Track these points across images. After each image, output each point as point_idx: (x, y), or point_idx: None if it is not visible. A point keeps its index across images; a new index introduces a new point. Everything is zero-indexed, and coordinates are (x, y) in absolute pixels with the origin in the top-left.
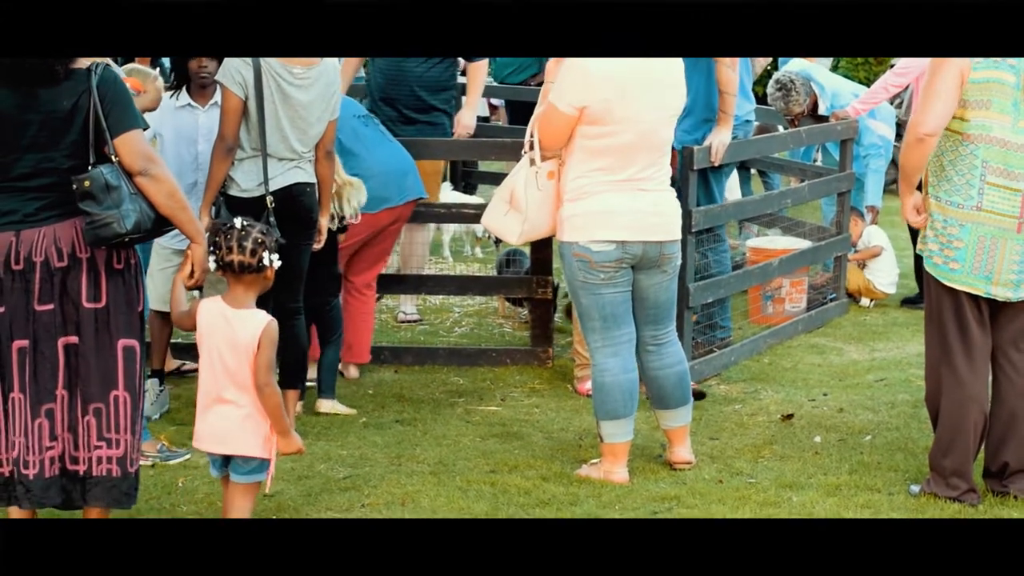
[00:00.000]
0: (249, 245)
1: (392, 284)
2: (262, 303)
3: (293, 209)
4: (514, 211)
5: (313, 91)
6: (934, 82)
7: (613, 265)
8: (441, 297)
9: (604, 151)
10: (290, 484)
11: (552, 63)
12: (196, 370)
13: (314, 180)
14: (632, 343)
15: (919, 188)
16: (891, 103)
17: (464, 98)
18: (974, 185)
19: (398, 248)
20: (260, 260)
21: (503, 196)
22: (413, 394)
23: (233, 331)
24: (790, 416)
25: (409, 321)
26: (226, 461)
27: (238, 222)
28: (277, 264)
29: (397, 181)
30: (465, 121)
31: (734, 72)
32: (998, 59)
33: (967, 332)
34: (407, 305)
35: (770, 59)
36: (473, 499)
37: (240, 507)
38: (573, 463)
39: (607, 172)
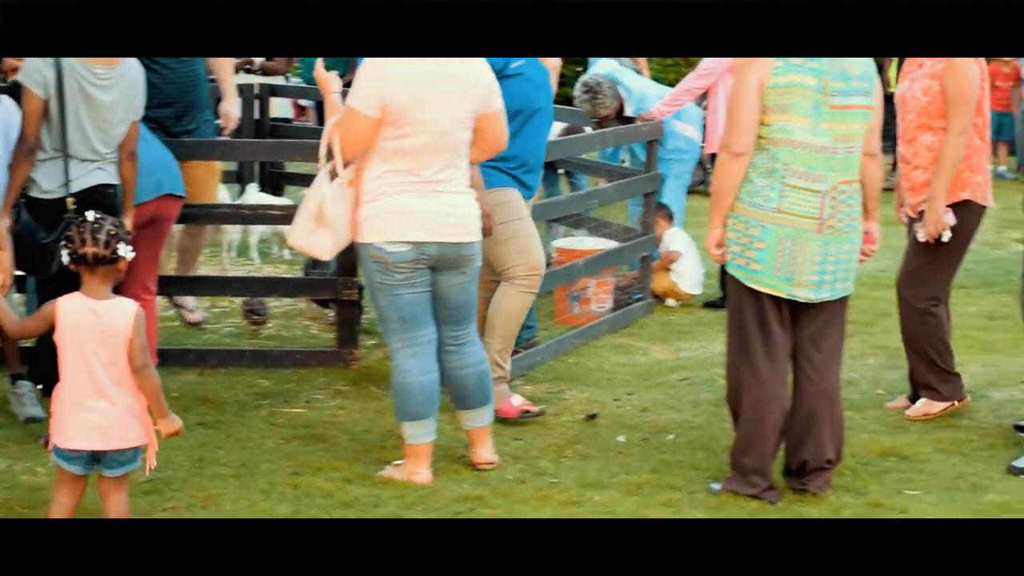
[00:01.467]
0: (103, 237)
1: (197, 285)
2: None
3: (96, 210)
4: (322, 228)
5: (115, 91)
6: (736, 98)
7: (409, 266)
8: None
9: (400, 152)
10: (91, 488)
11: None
12: None
13: (117, 181)
14: (432, 344)
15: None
16: (699, 104)
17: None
18: (775, 188)
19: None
20: (115, 251)
21: (309, 213)
22: (217, 396)
23: (104, 323)
24: (594, 416)
25: (194, 323)
26: (94, 459)
27: (91, 215)
28: (131, 256)
29: (146, 178)
30: (234, 113)
31: (555, 75)
32: (799, 62)
33: (768, 332)
34: (189, 303)
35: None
36: (276, 501)
37: (119, 500)
38: (377, 465)
39: (403, 173)
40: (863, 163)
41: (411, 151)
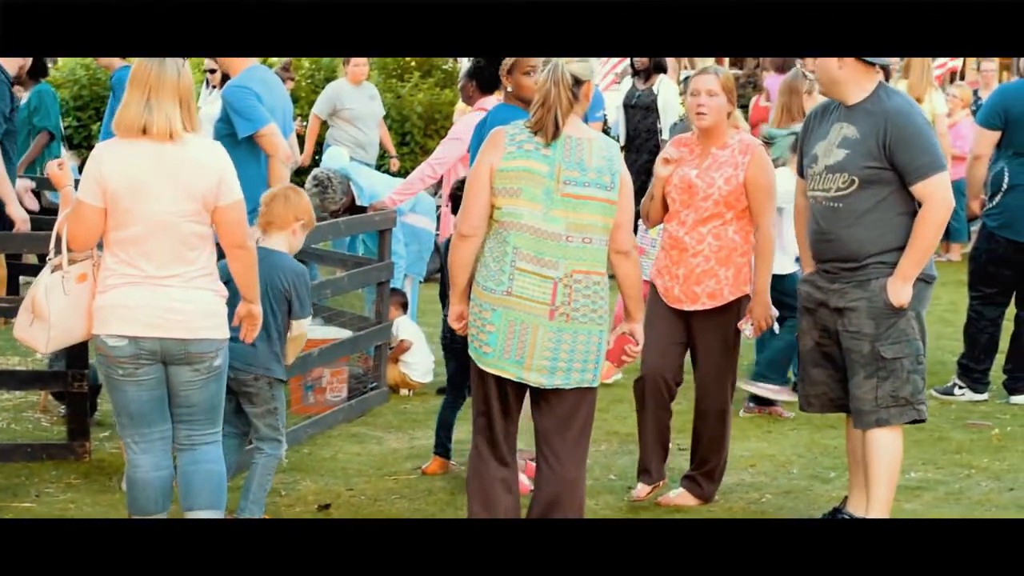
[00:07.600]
0: None
1: None
2: None
3: None
4: (38, 320)
5: None
6: (469, 181)
7: (129, 361)
8: None
9: (121, 243)
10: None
11: None
12: None
13: None
14: (166, 440)
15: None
16: (433, 194)
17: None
18: (505, 271)
19: None
20: None
21: (26, 306)
22: None
23: None
24: (327, 506)
25: None
26: None
27: None
28: None
29: None
30: (22, 213)
31: (287, 169)
32: (531, 148)
33: (491, 416)
34: None
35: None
36: None
37: None
38: None
39: (127, 265)
40: (616, 261)
41: (131, 242)
